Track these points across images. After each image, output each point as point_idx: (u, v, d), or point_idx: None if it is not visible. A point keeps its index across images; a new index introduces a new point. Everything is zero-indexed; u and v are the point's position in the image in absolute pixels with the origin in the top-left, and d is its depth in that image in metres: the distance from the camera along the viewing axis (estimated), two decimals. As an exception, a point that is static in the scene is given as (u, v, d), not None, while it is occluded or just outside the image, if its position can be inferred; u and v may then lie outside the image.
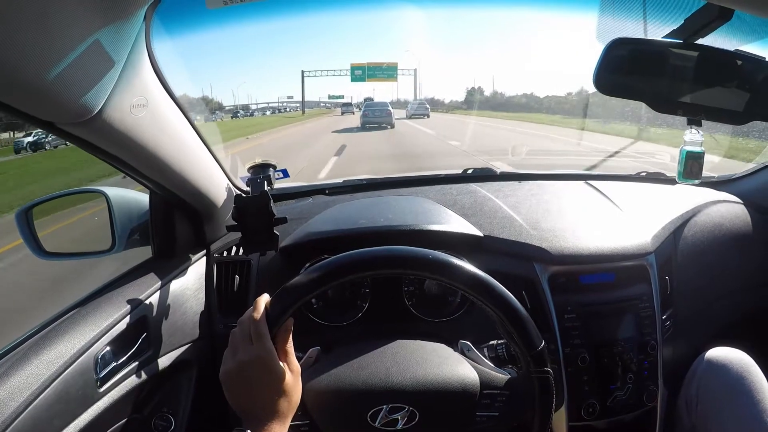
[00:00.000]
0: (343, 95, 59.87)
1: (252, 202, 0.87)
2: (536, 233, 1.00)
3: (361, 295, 0.96)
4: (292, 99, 64.80)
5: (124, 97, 0.63)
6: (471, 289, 0.62)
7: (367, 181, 1.34)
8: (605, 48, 0.65)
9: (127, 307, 0.80)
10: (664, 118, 8.08)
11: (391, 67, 45.72)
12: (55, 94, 0.53)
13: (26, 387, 0.62)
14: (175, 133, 0.79)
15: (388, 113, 17.20)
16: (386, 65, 45.74)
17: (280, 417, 0.59)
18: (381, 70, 44.77)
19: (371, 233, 0.98)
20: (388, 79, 46.02)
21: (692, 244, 1.10)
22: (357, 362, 0.72)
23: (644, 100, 0.68)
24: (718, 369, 0.91)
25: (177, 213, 0.95)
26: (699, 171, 0.78)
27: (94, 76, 0.56)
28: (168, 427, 0.87)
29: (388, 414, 0.66)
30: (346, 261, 0.62)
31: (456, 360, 0.73)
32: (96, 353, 0.73)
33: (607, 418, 0.93)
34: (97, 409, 0.72)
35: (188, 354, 0.92)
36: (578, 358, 0.91)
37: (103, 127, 0.62)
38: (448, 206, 1.09)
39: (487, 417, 0.67)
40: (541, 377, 0.63)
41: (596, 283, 0.96)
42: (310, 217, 1.07)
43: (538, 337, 0.63)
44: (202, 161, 0.91)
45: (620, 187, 1.25)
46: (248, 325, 0.60)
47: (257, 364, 0.58)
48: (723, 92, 0.67)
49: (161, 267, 0.92)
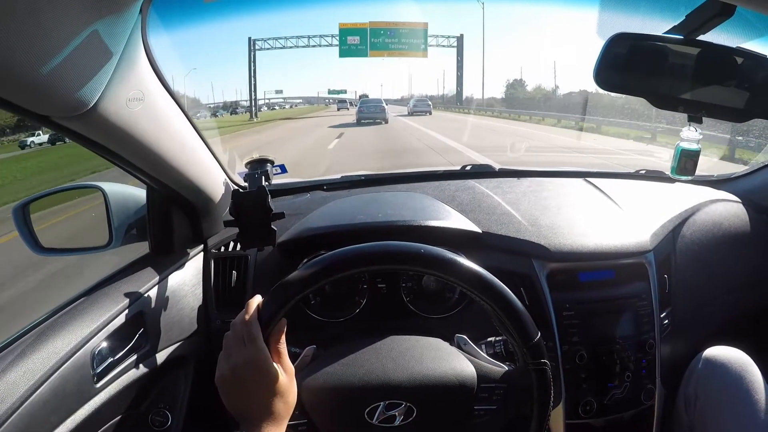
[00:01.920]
0: (345, 90, 44.70)
1: (249, 197, 0.86)
2: (535, 230, 1.00)
3: (359, 291, 0.96)
4: (281, 93, 48.85)
5: (120, 91, 0.62)
6: (465, 282, 0.61)
7: (365, 177, 1.33)
8: (606, 43, 0.65)
9: (124, 302, 0.80)
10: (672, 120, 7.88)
11: (413, 31, 25.32)
12: (51, 88, 0.52)
13: (23, 383, 0.62)
14: (171, 127, 0.78)
15: (381, 109, 18.03)
16: (405, 26, 25.43)
17: (275, 418, 0.59)
18: (395, 37, 25.13)
19: (369, 229, 0.97)
20: (411, 52, 25.90)
21: (691, 242, 1.10)
22: (353, 359, 0.72)
23: (645, 96, 0.68)
24: (717, 367, 0.91)
25: (174, 208, 0.94)
26: (693, 168, 0.78)
27: (90, 69, 0.56)
28: (165, 422, 0.87)
29: (385, 410, 0.66)
30: (337, 258, 0.62)
31: (453, 354, 0.72)
32: (93, 349, 0.72)
33: (605, 416, 0.93)
34: (93, 404, 0.72)
35: (185, 349, 0.92)
36: (576, 355, 0.91)
37: (98, 121, 0.62)
38: (446, 202, 1.09)
39: (486, 410, 0.67)
40: (537, 369, 0.62)
41: (595, 280, 0.96)
42: (308, 213, 1.07)
43: (534, 329, 0.62)
44: (199, 156, 0.90)
45: (619, 184, 1.25)
46: (240, 328, 0.60)
47: (250, 366, 0.58)
48: (723, 89, 0.66)
49: (158, 262, 0.92)
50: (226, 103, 36.07)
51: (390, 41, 25.28)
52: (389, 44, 25.30)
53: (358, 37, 25.25)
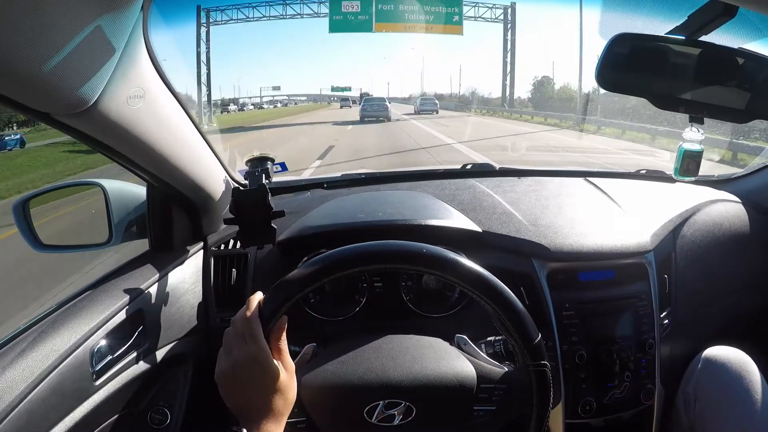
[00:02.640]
0: (350, 87, 40.66)
1: (250, 195, 0.86)
2: (535, 229, 0.99)
3: (359, 289, 0.96)
4: (279, 91, 43.14)
5: (121, 88, 0.62)
6: (466, 282, 0.61)
7: (365, 176, 1.33)
8: (608, 43, 0.65)
9: (124, 299, 0.79)
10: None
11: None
12: (51, 85, 0.52)
13: (21, 380, 0.62)
14: (172, 124, 0.78)
15: (384, 107, 17.98)
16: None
17: (275, 415, 0.59)
18: (413, 3, 16.56)
19: (369, 227, 0.97)
20: (437, 25, 17.11)
21: (691, 242, 1.10)
22: (353, 358, 0.72)
23: (646, 97, 0.67)
24: (716, 368, 0.91)
25: (174, 206, 0.94)
26: (696, 169, 0.78)
27: (91, 66, 0.55)
28: (164, 420, 0.87)
29: (384, 410, 0.66)
30: (338, 257, 0.62)
31: (453, 354, 0.72)
32: (92, 346, 0.72)
33: (604, 416, 0.93)
34: (92, 402, 0.71)
35: (185, 347, 0.91)
36: (576, 355, 0.91)
37: (99, 118, 0.62)
38: (446, 201, 1.09)
39: (485, 411, 0.67)
40: (537, 370, 0.62)
41: (595, 280, 0.96)
42: (308, 211, 1.07)
43: (535, 330, 0.62)
44: (200, 154, 0.90)
45: (620, 184, 1.25)
46: (241, 325, 0.60)
47: (251, 363, 0.58)
48: (725, 90, 0.66)
49: (158, 260, 0.92)
50: (224, 100, 33.74)
51: (406, 10, 16.45)
52: (405, 14, 16.54)
53: (357, 3, 16.55)
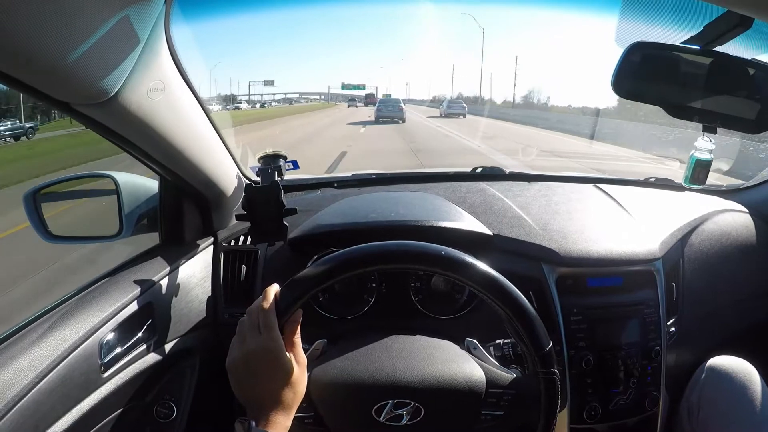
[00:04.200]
0: (364, 85, 41.88)
1: (262, 192, 0.86)
2: (545, 234, 1.00)
3: (368, 289, 0.96)
4: (273, 86, 43.10)
5: (142, 80, 0.62)
6: (482, 287, 0.62)
7: (376, 176, 1.33)
8: (624, 52, 0.65)
9: (134, 292, 0.80)
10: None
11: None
12: (74, 74, 0.53)
13: (30, 370, 0.62)
14: (189, 119, 0.78)
15: (399, 108, 18.57)
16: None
17: (284, 408, 0.59)
18: None
19: (381, 227, 0.98)
20: None
21: (699, 251, 1.11)
22: (363, 356, 0.72)
23: (661, 105, 0.68)
24: (721, 377, 0.91)
25: (186, 200, 0.94)
26: (705, 178, 0.80)
27: (114, 57, 0.56)
28: (170, 414, 0.87)
29: (393, 409, 0.66)
30: (357, 254, 0.62)
31: (463, 358, 0.72)
32: (101, 338, 0.72)
33: (609, 422, 0.93)
34: (99, 394, 0.72)
35: (192, 342, 0.92)
36: (582, 360, 0.91)
37: (119, 110, 0.62)
38: (457, 204, 1.09)
39: (492, 416, 0.68)
40: (547, 378, 0.63)
41: (603, 286, 0.96)
42: (319, 210, 1.07)
43: (547, 338, 0.63)
44: (214, 149, 0.91)
45: (629, 191, 1.25)
46: (257, 315, 0.60)
47: (264, 354, 0.58)
48: (737, 101, 0.67)
49: (168, 253, 0.92)
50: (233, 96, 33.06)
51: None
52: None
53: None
